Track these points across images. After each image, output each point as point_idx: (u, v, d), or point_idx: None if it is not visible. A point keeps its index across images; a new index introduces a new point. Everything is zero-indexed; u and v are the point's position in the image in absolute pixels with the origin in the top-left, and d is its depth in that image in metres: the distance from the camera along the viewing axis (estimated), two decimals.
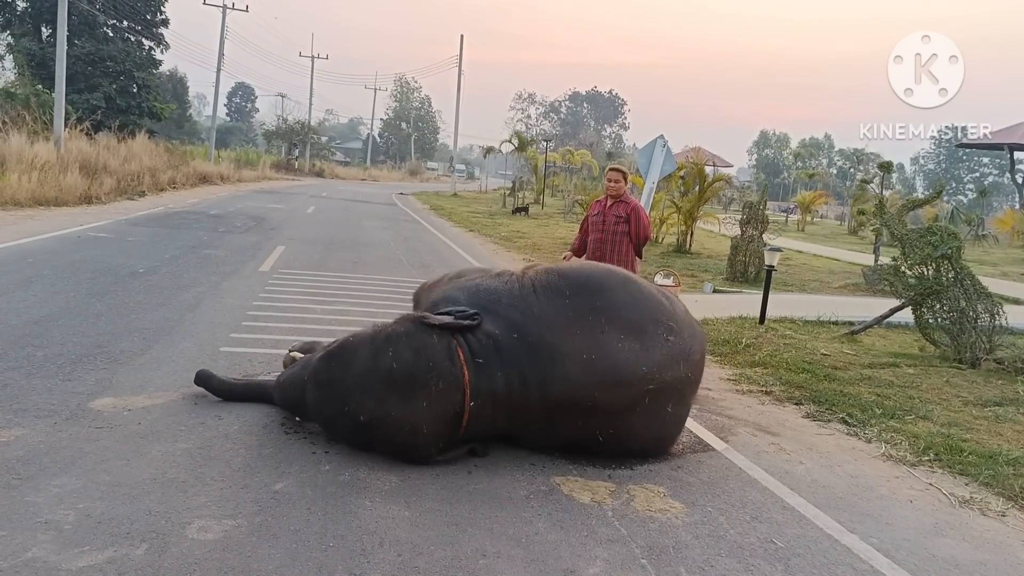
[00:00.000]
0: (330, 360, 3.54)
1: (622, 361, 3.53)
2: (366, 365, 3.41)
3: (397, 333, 3.49)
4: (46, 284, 6.77)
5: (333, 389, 3.46)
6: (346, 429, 3.49)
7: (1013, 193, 39.48)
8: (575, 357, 3.49)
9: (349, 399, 3.40)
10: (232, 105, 78.48)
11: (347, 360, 3.48)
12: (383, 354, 3.41)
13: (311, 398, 3.57)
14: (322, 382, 3.51)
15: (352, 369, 3.43)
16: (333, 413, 3.48)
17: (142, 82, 28.63)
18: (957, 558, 3.13)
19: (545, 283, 3.74)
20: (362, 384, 3.39)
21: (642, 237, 5.92)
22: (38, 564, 2.39)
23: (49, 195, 13.82)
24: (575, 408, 3.54)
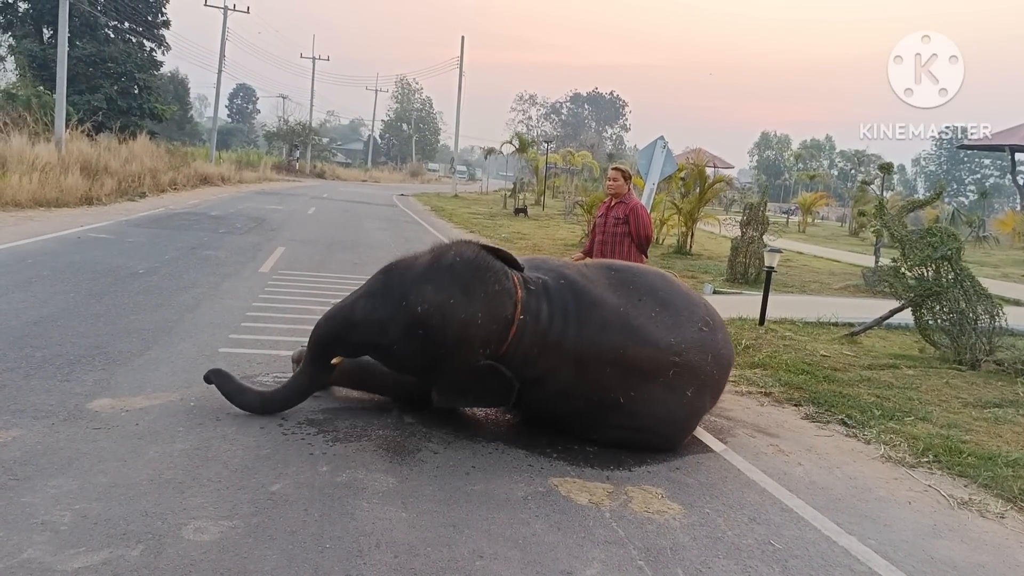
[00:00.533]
0: (387, 271, 3.74)
1: (652, 327, 3.83)
2: (427, 264, 3.61)
3: (457, 243, 3.77)
4: (46, 285, 6.78)
5: (390, 292, 3.60)
6: (398, 328, 3.53)
7: (1014, 195, 39.46)
8: (613, 308, 3.80)
9: (407, 294, 3.52)
10: (233, 106, 78.54)
11: (406, 266, 3.68)
12: (445, 255, 3.63)
13: (362, 311, 3.67)
14: (377, 291, 3.68)
15: (412, 272, 3.62)
16: (388, 315, 3.56)
17: (143, 83, 28.67)
18: (956, 560, 3.13)
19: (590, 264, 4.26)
20: (423, 278, 3.55)
21: (642, 236, 5.85)
22: (34, 565, 2.39)
23: (50, 196, 13.83)
24: (605, 354, 3.72)
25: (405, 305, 3.51)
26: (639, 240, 5.84)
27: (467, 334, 3.52)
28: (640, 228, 5.82)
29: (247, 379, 4.58)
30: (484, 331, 3.55)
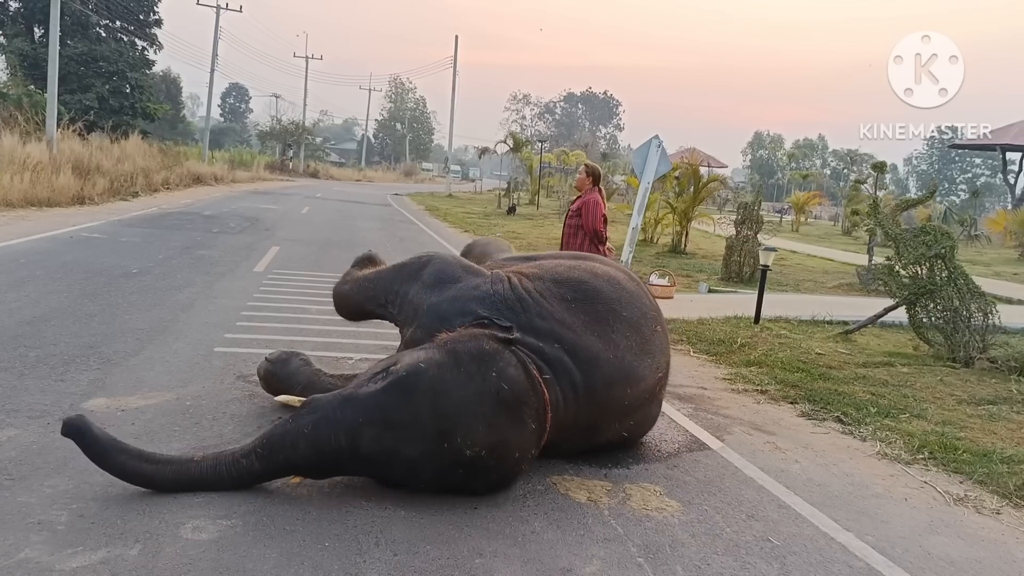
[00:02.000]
0: (405, 393, 2.94)
1: (633, 358, 3.59)
2: (466, 390, 2.96)
3: (484, 351, 3.09)
4: (38, 285, 6.74)
5: (420, 423, 2.90)
6: (431, 469, 2.97)
7: (1005, 194, 39.68)
8: (606, 358, 3.47)
9: (451, 432, 2.90)
10: (226, 106, 78.24)
11: (433, 389, 2.94)
12: (484, 375, 3.01)
13: (377, 445, 2.91)
14: (398, 419, 2.91)
15: (448, 399, 2.93)
16: (419, 454, 2.92)
17: (135, 82, 28.51)
18: (952, 556, 3.14)
19: (543, 290, 3.61)
20: (467, 411, 2.93)
21: (589, 228, 6.21)
22: (31, 565, 2.37)
23: (41, 196, 13.75)
24: (614, 409, 3.58)
25: (447, 447, 2.90)
26: (589, 231, 6.20)
27: (519, 469, 3.18)
28: (589, 220, 6.19)
29: (243, 379, 4.58)
30: (533, 452, 3.22)
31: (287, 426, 2.95)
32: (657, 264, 12.84)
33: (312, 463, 2.94)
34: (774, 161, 79.74)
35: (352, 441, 2.90)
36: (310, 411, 2.98)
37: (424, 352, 3.11)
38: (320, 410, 2.96)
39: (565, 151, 37.28)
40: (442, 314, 3.49)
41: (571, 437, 3.51)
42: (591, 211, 6.22)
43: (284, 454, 2.91)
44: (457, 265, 3.87)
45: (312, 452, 2.90)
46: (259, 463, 2.93)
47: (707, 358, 6.52)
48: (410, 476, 3.00)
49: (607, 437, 3.74)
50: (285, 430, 2.94)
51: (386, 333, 5.48)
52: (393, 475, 3.03)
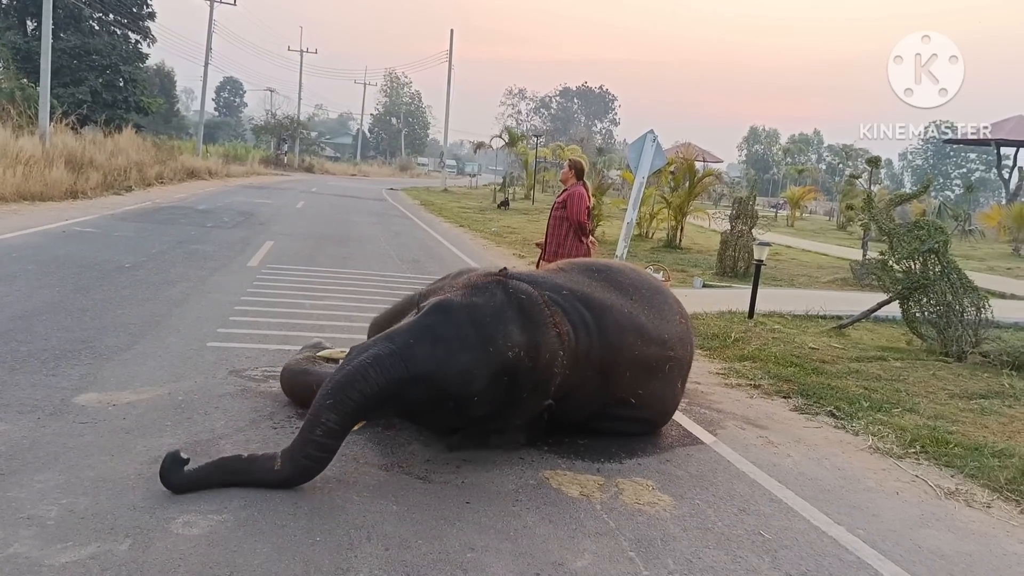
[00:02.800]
0: (446, 310, 3.21)
1: (651, 325, 3.89)
2: (493, 302, 3.26)
3: (493, 276, 3.46)
4: (30, 279, 6.71)
5: (465, 335, 3.13)
6: (484, 376, 3.13)
7: (1000, 189, 39.79)
8: (619, 309, 3.77)
9: (493, 337, 3.15)
10: (220, 100, 77.99)
11: (468, 303, 3.24)
12: (503, 291, 3.33)
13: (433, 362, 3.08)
14: (446, 335, 3.13)
15: (483, 310, 3.21)
16: (470, 362, 3.10)
17: (128, 76, 28.37)
18: (943, 549, 3.15)
19: (566, 266, 4.08)
20: (502, 317, 3.21)
21: (573, 220, 6.37)
22: (20, 560, 2.37)
23: (34, 190, 13.68)
24: (624, 357, 3.74)
25: (492, 350, 3.13)
26: (574, 223, 6.35)
27: (550, 374, 3.35)
28: (574, 212, 6.34)
29: (235, 374, 4.57)
30: (560, 367, 3.39)
31: (347, 369, 3.06)
32: (652, 259, 12.85)
33: (384, 390, 3.02)
34: (769, 156, 79.78)
35: (411, 362, 3.05)
36: (361, 351, 3.14)
37: (444, 293, 3.39)
38: (373, 346, 3.13)
39: (561, 146, 37.26)
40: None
41: (587, 379, 3.61)
42: (576, 203, 6.39)
43: (357, 388, 2.98)
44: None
45: (383, 379, 3.01)
46: (335, 414, 2.96)
47: (701, 352, 6.52)
48: (465, 387, 3.12)
49: (620, 391, 3.82)
50: (346, 371, 3.05)
51: None
52: (450, 389, 3.12)
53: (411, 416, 3.44)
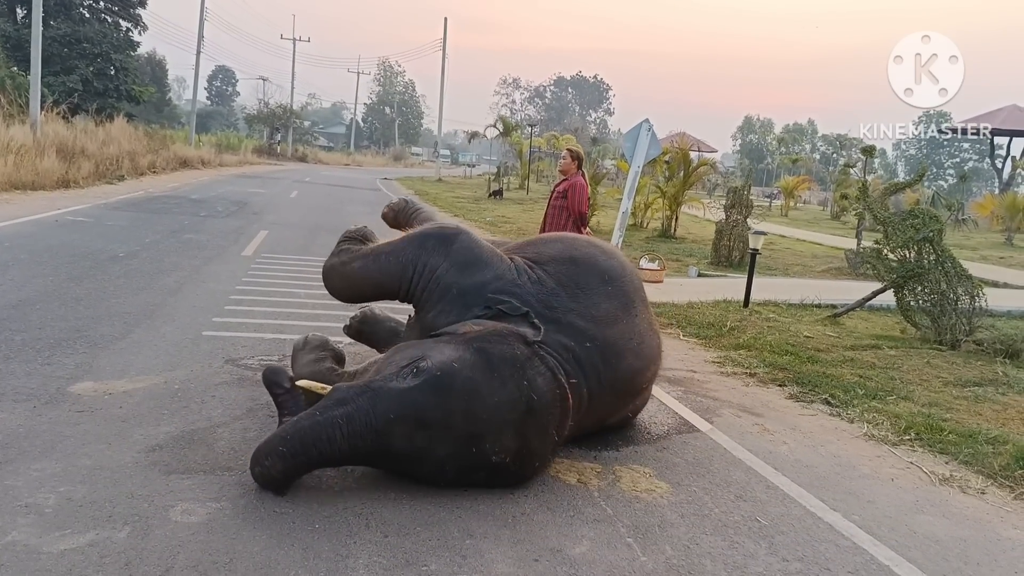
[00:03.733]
0: (439, 393, 2.85)
1: (650, 339, 3.71)
2: (499, 397, 2.92)
3: (517, 357, 3.03)
4: (23, 268, 6.67)
5: (451, 426, 2.85)
6: (456, 468, 2.95)
7: (993, 178, 39.93)
8: (630, 348, 3.51)
9: (480, 438, 2.89)
10: (212, 89, 77.44)
11: (467, 392, 2.88)
12: (517, 383, 2.96)
13: (409, 442, 2.85)
14: (432, 420, 2.84)
15: (479, 403, 2.88)
16: (447, 455, 2.89)
17: (120, 64, 28.10)
18: (937, 534, 3.18)
19: (566, 276, 3.53)
20: (498, 416, 2.90)
21: (575, 211, 6.41)
22: (18, 547, 2.36)
23: (26, 179, 13.57)
24: (633, 392, 3.72)
25: (475, 451, 2.90)
26: (575, 214, 6.40)
27: (534, 474, 3.19)
28: (576, 203, 6.39)
29: (231, 362, 4.55)
30: (549, 460, 3.27)
31: (317, 419, 2.80)
32: (647, 248, 12.85)
33: (345, 457, 2.85)
34: (764, 146, 79.83)
35: (385, 437, 2.82)
36: (339, 402, 2.84)
37: (454, 349, 3.00)
38: (351, 402, 2.83)
39: (555, 135, 37.23)
40: (470, 303, 3.35)
41: (585, 424, 3.51)
42: (578, 194, 6.43)
43: (318, 448, 2.77)
44: (485, 247, 3.61)
45: (347, 446, 2.80)
46: (281, 463, 2.77)
47: (697, 341, 6.54)
48: (435, 474, 2.97)
49: (618, 417, 3.84)
50: (315, 422, 2.79)
51: None
52: (419, 472, 2.98)
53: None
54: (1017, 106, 29.74)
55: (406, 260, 3.49)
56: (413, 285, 3.46)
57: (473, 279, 3.41)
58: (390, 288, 3.54)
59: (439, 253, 3.46)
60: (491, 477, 3.02)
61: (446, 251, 3.47)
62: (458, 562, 2.55)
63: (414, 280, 3.45)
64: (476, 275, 3.42)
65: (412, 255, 3.49)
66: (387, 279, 3.52)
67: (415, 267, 3.45)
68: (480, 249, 3.55)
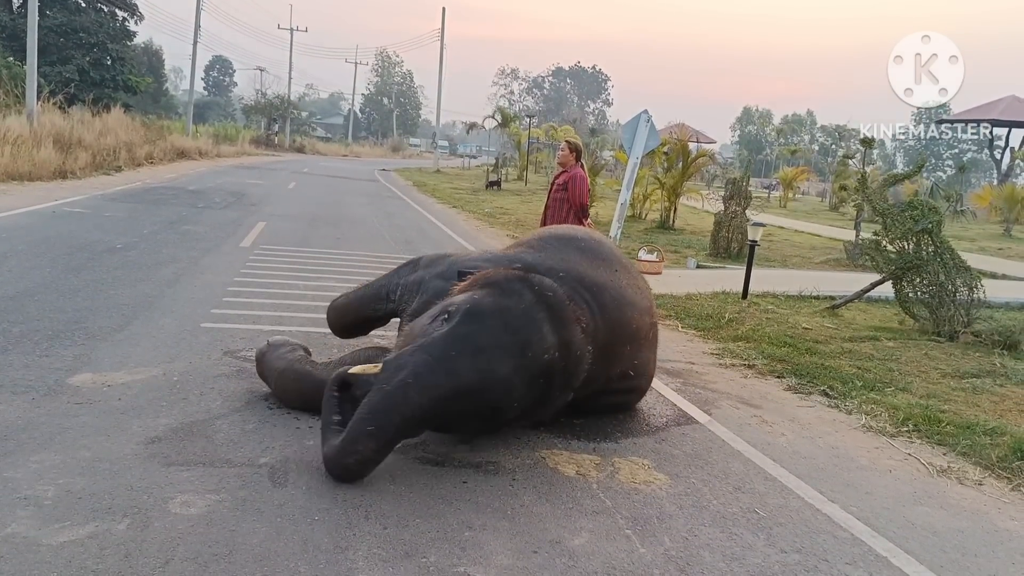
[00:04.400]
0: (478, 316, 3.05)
1: (635, 294, 3.93)
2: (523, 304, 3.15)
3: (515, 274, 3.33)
4: (21, 260, 6.65)
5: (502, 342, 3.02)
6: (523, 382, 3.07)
7: (991, 169, 39.91)
8: (610, 284, 3.76)
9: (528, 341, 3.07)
10: (210, 79, 77.12)
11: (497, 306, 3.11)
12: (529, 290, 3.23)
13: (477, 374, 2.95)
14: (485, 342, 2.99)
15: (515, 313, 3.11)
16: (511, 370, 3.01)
17: (116, 54, 28.02)
18: (935, 526, 3.19)
19: (545, 247, 3.94)
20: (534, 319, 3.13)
21: (576, 202, 6.44)
22: (18, 539, 2.36)
23: (22, 170, 13.54)
24: (624, 332, 3.78)
25: (531, 355, 3.05)
26: (576, 206, 6.44)
27: (579, 369, 3.33)
28: (576, 195, 6.42)
29: (230, 354, 4.55)
30: (587, 361, 3.37)
31: (385, 389, 2.87)
32: (645, 240, 12.85)
33: (426, 411, 2.89)
34: (763, 136, 79.68)
35: (454, 376, 2.92)
36: (397, 368, 2.93)
37: (463, 294, 3.25)
38: (408, 363, 2.93)
39: (553, 126, 37.11)
40: (446, 275, 3.72)
41: (594, 360, 3.54)
42: (578, 186, 6.44)
43: (400, 412, 2.84)
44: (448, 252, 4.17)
45: (424, 399, 2.86)
46: (373, 442, 2.84)
47: (695, 333, 6.54)
48: (508, 395, 3.07)
49: (620, 365, 3.86)
50: (385, 393, 2.86)
51: None
52: (495, 399, 3.06)
53: (443, 428, 3.29)
54: (1016, 97, 29.67)
55: (382, 284, 4.17)
56: (391, 299, 4.03)
57: (443, 264, 3.96)
58: (371, 308, 4.18)
59: (408, 270, 4.11)
60: (549, 381, 3.19)
61: (414, 266, 4.13)
62: (457, 554, 2.56)
63: (390, 296, 4.04)
64: (445, 261, 4.01)
65: (387, 280, 4.18)
66: (367, 302, 4.21)
67: (389, 287, 4.08)
68: (444, 252, 4.24)
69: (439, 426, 3.24)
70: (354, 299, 4.33)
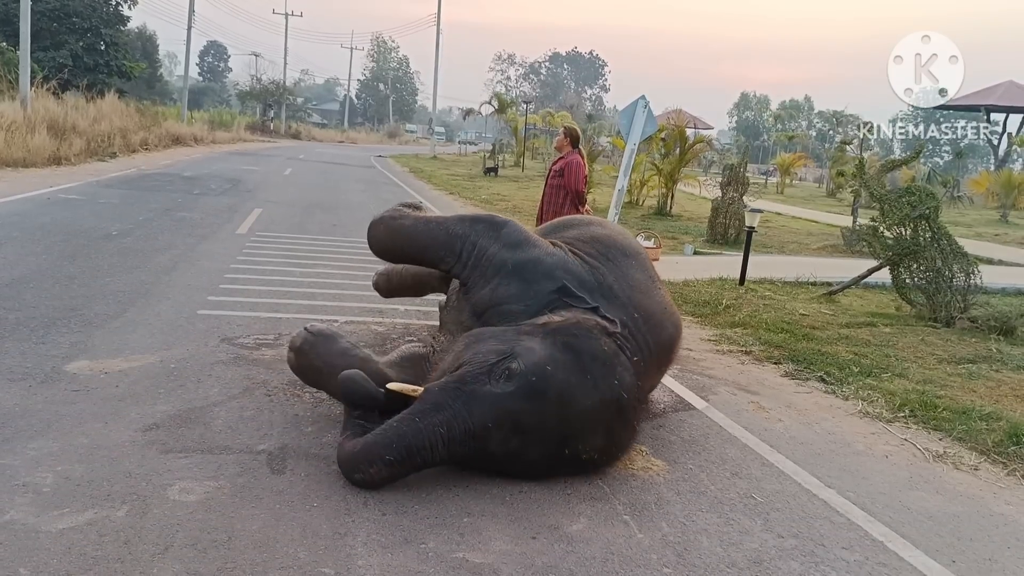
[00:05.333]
0: (535, 398, 2.85)
1: (673, 308, 3.84)
2: (592, 399, 2.93)
3: (605, 354, 3.05)
4: (16, 246, 6.62)
5: (546, 431, 2.87)
6: (550, 467, 2.99)
7: (988, 155, 39.87)
8: (665, 316, 3.64)
9: (572, 439, 2.92)
10: (204, 64, 76.53)
11: (561, 395, 2.87)
12: (608, 382, 2.98)
13: (503, 446, 2.85)
14: (527, 425, 2.84)
15: (573, 406, 2.89)
16: (541, 456, 2.92)
17: (110, 39, 27.76)
18: (931, 511, 3.21)
19: (597, 253, 3.65)
20: (592, 420, 2.94)
21: (571, 188, 6.42)
22: (17, 526, 2.36)
23: (16, 156, 13.44)
24: (667, 363, 3.83)
25: (567, 452, 2.94)
26: (571, 192, 6.41)
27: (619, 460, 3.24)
28: (571, 181, 6.40)
29: (227, 341, 4.54)
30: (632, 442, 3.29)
31: (418, 425, 2.78)
32: (643, 226, 12.83)
33: (442, 460, 2.85)
34: (760, 123, 79.44)
35: (481, 442, 2.84)
36: (436, 407, 2.83)
37: (543, 347, 2.97)
38: (447, 407, 2.83)
39: (551, 112, 36.91)
40: (527, 277, 3.40)
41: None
42: (574, 172, 6.42)
43: (421, 456, 2.79)
44: (530, 232, 3.77)
45: (446, 453, 2.82)
46: (387, 470, 2.78)
47: (692, 319, 6.55)
48: (525, 472, 3.00)
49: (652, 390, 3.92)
50: (417, 430, 2.77)
51: (370, 296, 5.43)
52: (509, 471, 3.00)
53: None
54: (1014, 82, 29.57)
55: (456, 233, 3.56)
56: (462, 259, 3.51)
57: (527, 254, 3.49)
58: (433, 253, 3.58)
59: (489, 235, 3.55)
60: (576, 470, 3.06)
61: (496, 234, 3.56)
62: (456, 540, 2.56)
63: (463, 254, 3.51)
64: (529, 251, 3.51)
65: (463, 230, 3.57)
66: (433, 244, 3.58)
67: (464, 242, 3.51)
68: (527, 232, 3.71)
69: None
70: (419, 231, 3.64)
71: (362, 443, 2.81)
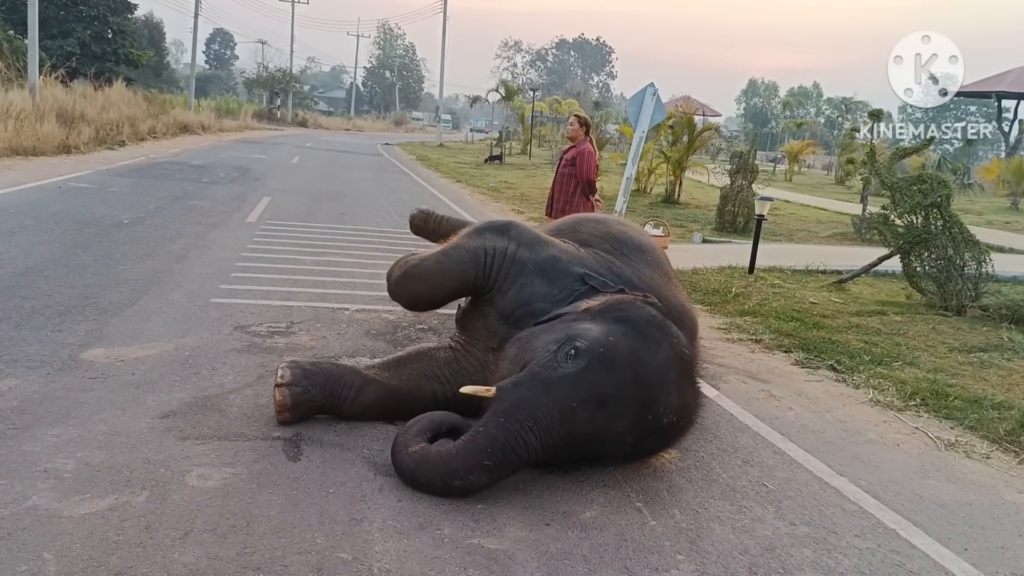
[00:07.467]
0: (609, 368, 2.84)
1: (690, 304, 3.85)
2: (659, 358, 2.95)
3: (656, 318, 3.08)
4: (29, 235, 6.66)
5: (627, 398, 2.85)
6: (633, 438, 2.94)
7: (999, 142, 39.53)
8: (685, 311, 3.61)
9: (652, 402, 2.89)
10: (211, 52, 76.49)
11: (632, 360, 2.88)
12: (668, 342, 3.01)
13: (592, 424, 2.82)
14: (609, 396, 2.82)
15: (644, 368, 2.90)
16: (628, 426, 2.88)
17: (117, 27, 27.77)
18: (943, 499, 3.22)
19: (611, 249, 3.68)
20: (665, 378, 2.93)
21: (583, 178, 6.34)
22: (40, 511, 2.40)
23: (26, 144, 13.48)
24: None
25: (650, 417, 2.89)
26: (582, 181, 6.33)
27: (689, 429, 3.18)
28: (583, 171, 6.32)
29: (240, 329, 4.57)
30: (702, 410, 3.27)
31: (506, 426, 2.74)
32: (651, 214, 12.80)
33: (537, 453, 2.78)
34: (768, 110, 78.94)
35: (570, 424, 2.80)
36: (516, 404, 2.78)
37: (596, 324, 2.99)
38: (527, 401, 2.79)
39: (557, 100, 36.79)
40: (551, 277, 3.41)
41: None
42: (586, 161, 6.36)
43: (517, 453, 2.74)
44: (538, 230, 3.77)
45: (539, 445, 2.76)
46: (487, 475, 2.73)
47: (702, 308, 6.54)
48: (617, 450, 2.98)
49: None
50: (507, 430, 2.73)
51: (380, 284, 5.44)
52: (602, 452, 2.98)
53: None
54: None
55: (471, 247, 3.53)
56: (488, 268, 3.47)
57: (545, 253, 3.50)
58: (468, 275, 3.50)
59: (499, 239, 3.54)
60: (660, 440, 3.05)
61: (506, 235, 3.56)
62: (471, 526, 2.59)
63: (487, 263, 3.47)
64: (545, 250, 3.52)
65: (475, 243, 3.54)
66: (463, 267, 3.50)
67: (485, 251, 3.49)
68: (534, 230, 3.71)
69: None
70: (446, 261, 3.55)
71: (456, 450, 2.76)
